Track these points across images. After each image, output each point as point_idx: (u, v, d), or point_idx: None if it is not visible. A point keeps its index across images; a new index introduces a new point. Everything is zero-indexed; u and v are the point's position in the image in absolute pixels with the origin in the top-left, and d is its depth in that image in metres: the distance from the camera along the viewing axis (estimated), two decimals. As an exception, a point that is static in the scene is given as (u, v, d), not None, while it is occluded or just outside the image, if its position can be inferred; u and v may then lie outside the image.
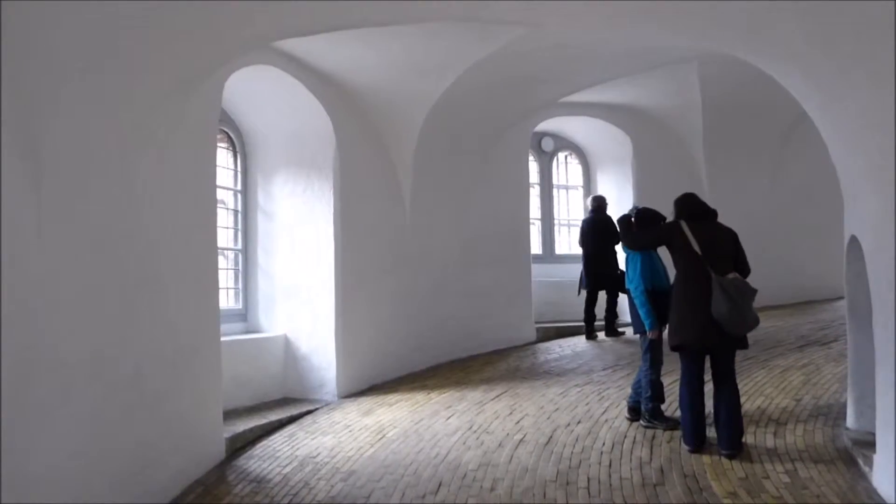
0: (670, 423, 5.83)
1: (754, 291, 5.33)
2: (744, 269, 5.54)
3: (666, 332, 5.88)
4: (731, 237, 5.57)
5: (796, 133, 10.90)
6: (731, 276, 5.32)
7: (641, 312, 5.98)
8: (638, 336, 6.25)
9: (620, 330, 9.46)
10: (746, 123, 10.73)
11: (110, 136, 4.39)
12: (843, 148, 5.04)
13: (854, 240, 5.14)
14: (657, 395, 5.96)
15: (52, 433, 4.00)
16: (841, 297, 7.16)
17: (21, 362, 3.76)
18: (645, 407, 5.95)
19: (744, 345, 5.45)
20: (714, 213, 5.67)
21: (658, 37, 6.62)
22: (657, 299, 5.94)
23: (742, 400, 6.30)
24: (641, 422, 5.96)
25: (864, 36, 3.93)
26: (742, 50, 5.37)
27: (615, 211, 9.74)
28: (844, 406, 5.73)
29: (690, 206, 5.66)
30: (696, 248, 5.40)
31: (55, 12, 3.55)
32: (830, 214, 7.75)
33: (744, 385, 6.76)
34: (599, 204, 9.77)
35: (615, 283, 9.04)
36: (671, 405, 6.28)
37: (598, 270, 9.28)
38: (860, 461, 4.85)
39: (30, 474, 3.83)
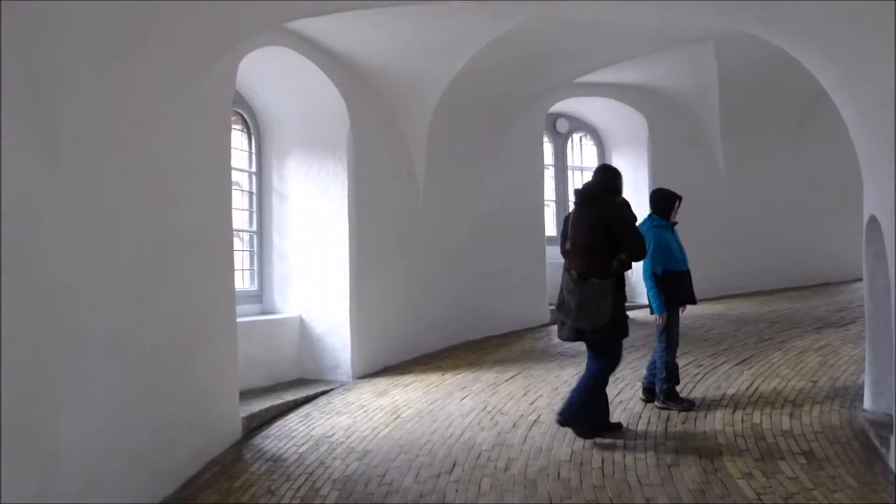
0: (685, 405, 5.83)
1: (592, 289, 5.14)
2: (632, 251, 5.22)
3: (658, 318, 5.92)
4: (603, 221, 5.19)
5: (814, 112, 10.75)
6: (571, 271, 5.28)
7: (650, 296, 5.96)
8: (655, 317, 6.22)
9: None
10: (764, 103, 10.58)
11: (125, 117, 4.41)
12: (861, 126, 4.97)
13: (873, 220, 5.07)
14: (672, 376, 5.95)
15: (72, 410, 4.05)
16: (859, 279, 7.09)
17: (42, 340, 3.81)
18: (660, 388, 5.94)
19: (596, 336, 5.29)
20: (595, 196, 5.34)
21: (674, 14, 6.54)
22: (672, 280, 5.92)
23: (758, 381, 6.36)
24: (656, 403, 5.96)
25: (884, 12, 3.86)
26: (760, 27, 5.29)
27: (629, 192, 9.68)
28: (861, 387, 5.70)
29: (576, 196, 5.56)
30: (568, 241, 5.41)
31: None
32: (849, 194, 7.67)
33: (760, 367, 6.76)
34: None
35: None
36: (685, 386, 6.27)
37: None
38: (877, 442, 4.82)
39: (51, 450, 3.88)
